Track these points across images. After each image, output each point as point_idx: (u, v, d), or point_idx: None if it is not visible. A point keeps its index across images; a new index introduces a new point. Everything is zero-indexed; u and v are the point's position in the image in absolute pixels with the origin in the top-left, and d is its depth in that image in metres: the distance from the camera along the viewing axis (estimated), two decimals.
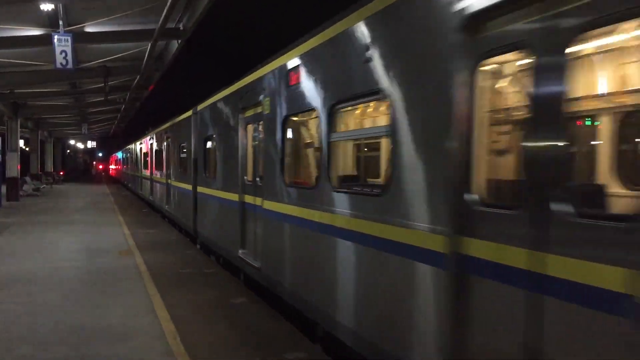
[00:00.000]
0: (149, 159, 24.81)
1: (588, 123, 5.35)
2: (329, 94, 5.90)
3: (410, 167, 4.43)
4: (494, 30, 3.55)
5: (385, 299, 4.76)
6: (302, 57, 6.71)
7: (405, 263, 4.42)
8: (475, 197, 3.75)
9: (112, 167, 73.00)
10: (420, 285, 4.25)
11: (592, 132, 5.34)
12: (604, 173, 5.20)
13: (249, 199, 9.13)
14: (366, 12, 5.09)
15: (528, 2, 3.28)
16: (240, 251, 9.44)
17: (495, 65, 4.11)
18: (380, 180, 7.09)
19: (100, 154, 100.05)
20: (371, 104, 6.52)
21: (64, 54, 14.88)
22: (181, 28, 17.26)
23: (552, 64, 3.13)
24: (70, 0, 14.13)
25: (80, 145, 78.93)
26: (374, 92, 4.98)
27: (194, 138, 14.02)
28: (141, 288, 8.97)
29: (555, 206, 3.10)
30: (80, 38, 16.28)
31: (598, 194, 4.35)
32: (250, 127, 9.32)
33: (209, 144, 12.53)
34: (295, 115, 7.25)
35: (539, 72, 3.22)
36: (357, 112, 7.15)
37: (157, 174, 21.90)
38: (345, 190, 5.74)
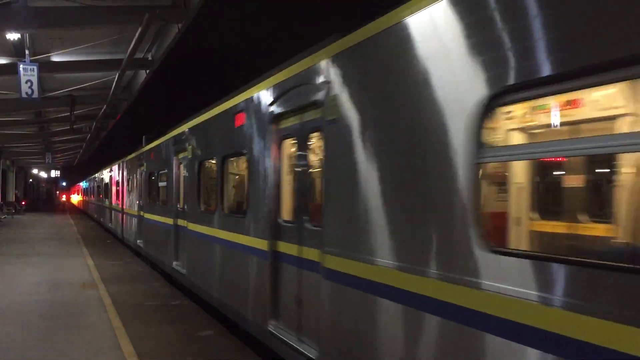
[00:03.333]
0: (119, 188, 22.72)
1: None
2: None
3: None
4: None
5: None
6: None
7: None
8: None
9: (77, 197, 71.67)
10: None
11: None
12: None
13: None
14: None
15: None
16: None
17: None
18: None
19: (64, 184, 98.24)
20: None
21: (29, 84, 14.74)
22: (150, 58, 17.31)
23: None
24: (36, 29, 14.06)
25: (43, 175, 77.43)
26: None
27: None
28: (105, 321, 8.79)
29: None
30: (46, 67, 16.18)
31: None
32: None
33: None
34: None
35: None
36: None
37: (128, 206, 19.76)
38: None
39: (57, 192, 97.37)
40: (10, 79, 16.07)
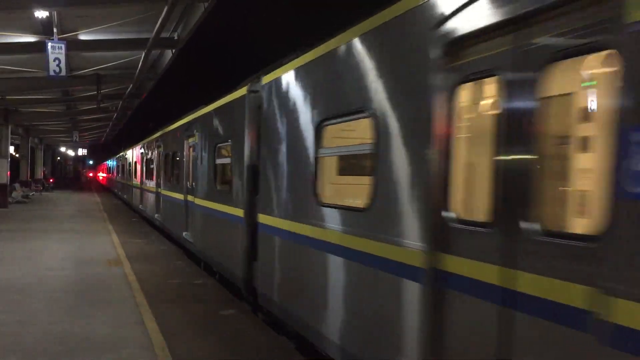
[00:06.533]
0: (153, 166, 19.59)
1: None
2: None
3: None
4: None
5: None
6: None
7: None
8: None
9: (103, 175, 72.65)
10: None
11: None
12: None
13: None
14: None
15: None
16: None
17: None
18: None
19: (90, 162, 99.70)
20: None
21: (57, 62, 14.85)
22: (176, 38, 17.29)
23: None
24: (64, 7, 14.11)
25: (70, 153, 78.58)
26: None
27: (249, 133, 8.48)
28: (130, 298, 8.88)
29: None
30: (73, 46, 16.26)
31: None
32: (469, 90, 4.11)
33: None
34: None
35: None
36: None
37: (167, 188, 16.40)
38: None
39: (84, 170, 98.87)
40: (37, 56, 16.19)
